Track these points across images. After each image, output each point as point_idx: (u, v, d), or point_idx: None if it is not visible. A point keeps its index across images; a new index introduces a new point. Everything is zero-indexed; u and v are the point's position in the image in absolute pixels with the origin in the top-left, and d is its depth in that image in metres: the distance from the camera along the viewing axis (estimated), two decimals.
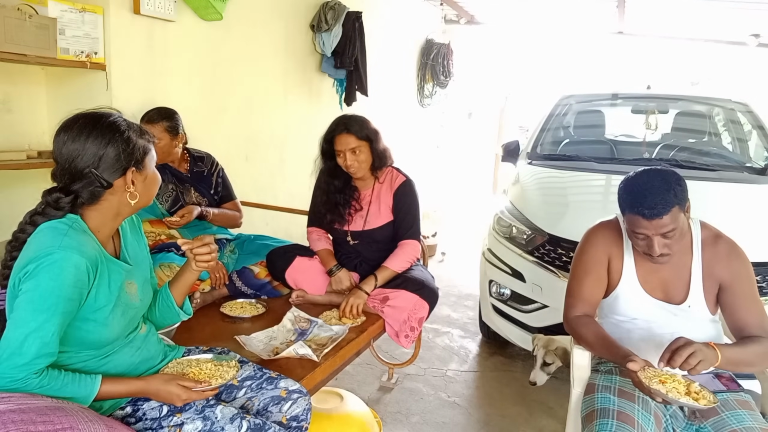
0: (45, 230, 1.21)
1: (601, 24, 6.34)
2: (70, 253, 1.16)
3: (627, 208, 1.53)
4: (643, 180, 1.53)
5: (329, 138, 2.27)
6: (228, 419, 1.29)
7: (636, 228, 1.52)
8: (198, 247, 1.42)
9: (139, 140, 1.30)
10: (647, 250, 1.54)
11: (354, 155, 2.24)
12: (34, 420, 1.02)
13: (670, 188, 1.47)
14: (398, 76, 5.73)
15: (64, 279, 1.14)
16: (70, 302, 1.16)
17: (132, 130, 1.30)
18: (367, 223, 2.36)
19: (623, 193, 1.56)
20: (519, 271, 2.75)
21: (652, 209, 1.46)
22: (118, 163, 1.25)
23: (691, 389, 1.36)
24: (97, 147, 1.23)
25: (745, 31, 5.77)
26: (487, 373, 3.00)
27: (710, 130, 3.84)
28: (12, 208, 2.51)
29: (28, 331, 1.11)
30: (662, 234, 1.49)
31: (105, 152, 1.23)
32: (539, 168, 3.33)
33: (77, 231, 1.22)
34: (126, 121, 1.31)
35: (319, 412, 1.99)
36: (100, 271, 1.23)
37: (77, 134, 1.24)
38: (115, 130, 1.26)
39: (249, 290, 2.37)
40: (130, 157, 1.27)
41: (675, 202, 1.47)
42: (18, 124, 2.54)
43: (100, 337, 1.26)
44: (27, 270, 1.15)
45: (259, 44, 3.56)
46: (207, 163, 2.58)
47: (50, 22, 2.24)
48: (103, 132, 1.24)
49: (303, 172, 4.02)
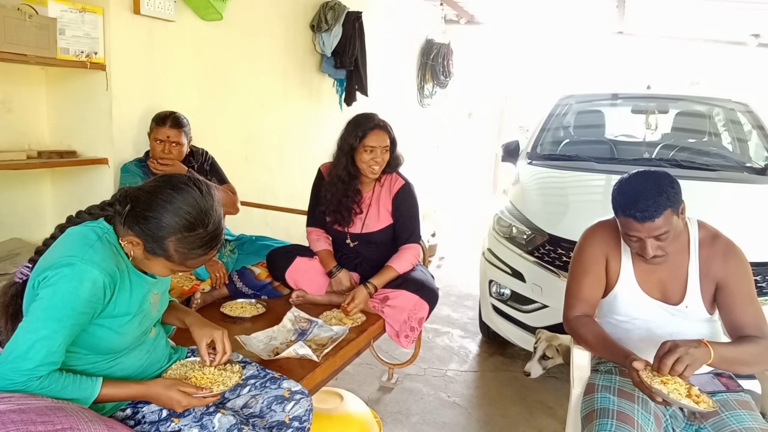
0: (75, 235, 1.21)
1: (601, 24, 6.34)
2: (91, 267, 1.15)
3: (620, 210, 1.53)
4: (635, 183, 1.53)
5: (362, 133, 2.23)
6: (225, 430, 1.28)
7: (629, 231, 1.52)
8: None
9: (186, 252, 1.22)
10: (641, 252, 1.55)
11: (384, 153, 2.25)
12: (34, 420, 1.02)
13: (662, 191, 1.47)
14: (398, 76, 5.73)
15: (80, 293, 1.14)
16: (82, 315, 1.16)
17: (195, 244, 1.21)
18: (365, 226, 2.36)
19: (616, 196, 1.56)
20: (519, 271, 2.76)
21: (643, 212, 1.46)
22: (143, 228, 1.20)
23: (692, 392, 1.35)
24: (164, 211, 1.19)
25: (745, 31, 5.77)
26: (487, 373, 3.00)
27: (710, 130, 3.84)
28: (12, 208, 2.52)
29: (37, 338, 1.11)
30: (655, 236, 1.49)
31: (164, 218, 1.19)
32: (539, 168, 3.33)
33: (104, 243, 1.21)
34: (206, 232, 1.22)
35: (319, 412, 1.99)
36: (120, 285, 1.23)
37: (180, 194, 1.21)
38: (197, 224, 1.20)
39: (249, 291, 2.37)
40: (148, 238, 1.21)
41: (667, 205, 1.47)
42: (18, 124, 2.54)
43: (112, 345, 1.26)
44: (46, 275, 1.14)
45: (259, 44, 3.56)
46: (198, 157, 2.60)
47: (50, 22, 2.24)
48: (184, 217, 1.19)
49: (303, 172, 4.04)
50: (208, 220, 1.22)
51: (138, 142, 2.66)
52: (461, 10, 6.46)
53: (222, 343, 1.38)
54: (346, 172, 2.28)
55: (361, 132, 2.23)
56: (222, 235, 1.27)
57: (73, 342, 1.19)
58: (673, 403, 1.32)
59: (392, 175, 2.39)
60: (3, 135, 2.46)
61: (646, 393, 1.37)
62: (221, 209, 1.27)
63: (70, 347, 1.18)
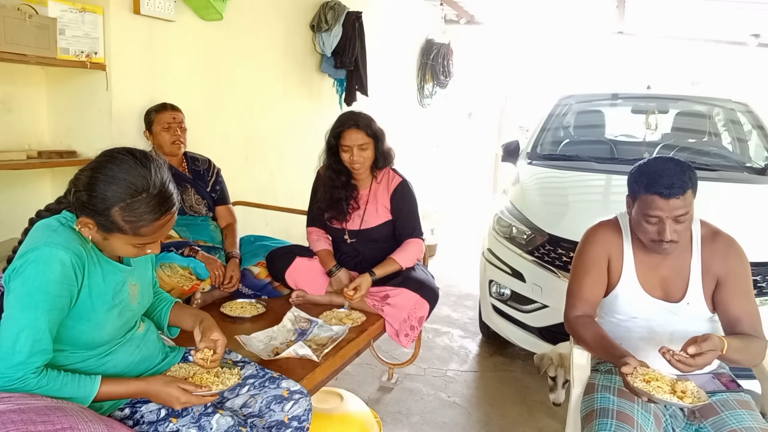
0: (38, 227, 1.22)
1: (601, 24, 6.34)
2: (55, 248, 1.15)
3: (642, 189, 1.53)
4: (655, 164, 1.55)
5: (337, 133, 2.27)
6: (223, 431, 1.28)
7: (650, 210, 1.51)
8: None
9: (135, 220, 1.18)
10: (657, 236, 1.53)
11: (361, 152, 2.24)
12: (34, 420, 1.02)
13: (684, 170, 1.50)
14: (398, 76, 5.73)
15: (50, 275, 1.14)
16: (59, 299, 1.16)
17: (142, 210, 1.18)
18: (364, 222, 2.36)
19: (637, 176, 1.56)
20: (519, 271, 2.75)
21: (669, 189, 1.47)
22: (88, 207, 1.19)
23: (676, 388, 1.36)
24: (103, 183, 1.17)
25: (745, 31, 5.77)
26: (487, 373, 2.99)
27: (710, 130, 3.84)
28: (12, 208, 2.51)
29: (19, 329, 1.12)
30: (675, 217, 1.49)
31: (103, 191, 1.17)
32: (539, 168, 3.33)
33: (67, 228, 1.22)
34: (150, 195, 1.19)
35: (319, 412, 1.99)
36: (90, 270, 1.23)
37: (127, 162, 1.20)
38: (137, 189, 1.18)
39: (249, 291, 2.37)
40: (96, 216, 1.19)
41: (690, 185, 1.49)
42: (18, 124, 2.54)
43: (93, 338, 1.26)
44: (15, 266, 1.15)
45: (259, 44, 3.56)
46: (203, 163, 2.59)
47: (50, 22, 2.24)
48: (128, 178, 1.18)
49: (303, 172, 4.04)
50: (148, 184, 1.19)
51: (138, 143, 2.66)
52: (461, 10, 6.46)
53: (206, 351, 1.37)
54: (332, 170, 2.33)
55: (337, 131, 2.27)
56: (173, 198, 1.24)
57: (57, 340, 1.19)
58: (657, 400, 1.33)
59: (390, 172, 2.39)
60: (3, 135, 2.46)
61: (632, 392, 1.37)
62: (166, 173, 1.24)
63: (56, 346, 1.18)
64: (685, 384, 1.38)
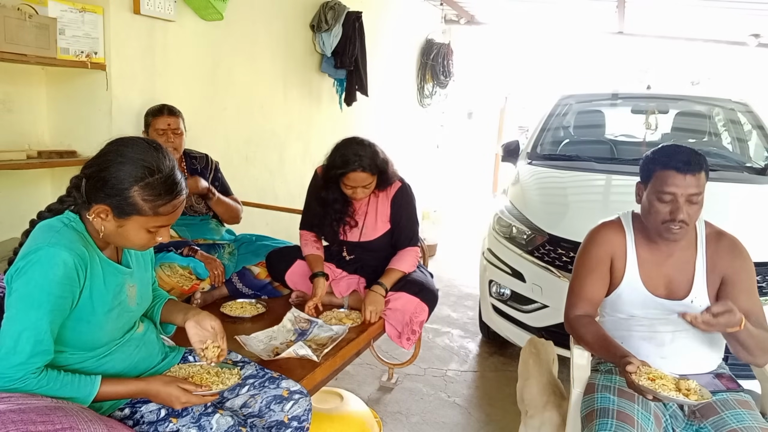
0: (40, 227, 1.22)
1: (601, 24, 6.34)
2: (58, 249, 1.15)
3: (659, 165, 1.55)
4: (670, 147, 1.59)
5: (341, 173, 2.13)
6: (223, 431, 1.28)
7: (666, 186, 1.52)
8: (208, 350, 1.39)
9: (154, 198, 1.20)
10: (669, 215, 1.53)
11: (365, 189, 2.19)
12: (34, 420, 1.02)
13: (699, 155, 1.54)
14: (398, 76, 5.73)
15: (53, 276, 1.13)
16: (61, 299, 1.15)
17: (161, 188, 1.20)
18: (363, 234, 2.34)
19: (653, 156, 1.60)
20: (519, 271, 2.75)
21: (687, 164, 1.51)
22: (104, 192, 1.19)
23: (681, 386, 1.37)
24: (120, 165, 1.18)
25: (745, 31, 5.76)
26: (487, 373, 2.99)
27: (710, 130, 3.85)
28: (12, 208, 2.51)
29: (21, 329, 1.11)
30: (689, 196, 1.51)
31: (121, 172, 1.18)
32: (539, 168, 3.33)
33: (70, 229, 1.21)
34: (164, 175, 1.21)
35: (319, 412, 1.99)
36: (92, 272, 1.22)
37: (130, 147, 1.21)
38: (153, 169, 1.19)
39: (249, 291, 2.37)
40: (113, 199, 1.19)
41: (704, 168, 1.53)
42: (18, 124, 2.54)
43: (92, 339, 1.25)
44: (17, 267, 1.15)
45: (259, 44, 3.56)
46: (200, 160, 2.59)
47: (50, 22, 2.24)
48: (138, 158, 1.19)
49: (303, 172, 4.04)
50: (162, 165, 1.21)
51: None
52: (461, 10, 6.45)
53: (213, 348, 1.37)
54: (327, 190, 2.25)
55: (341, 171, 2.14)
56: (181, 182, 1.26)
57: (56, 341, 1.18)
58: (663, 398, 1.33)
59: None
60: (3, 135, 2.46)
61: (637, 391, 1.38)
62: (173, 159, 1.26)
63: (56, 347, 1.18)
64: (688, 383, 1.39)
